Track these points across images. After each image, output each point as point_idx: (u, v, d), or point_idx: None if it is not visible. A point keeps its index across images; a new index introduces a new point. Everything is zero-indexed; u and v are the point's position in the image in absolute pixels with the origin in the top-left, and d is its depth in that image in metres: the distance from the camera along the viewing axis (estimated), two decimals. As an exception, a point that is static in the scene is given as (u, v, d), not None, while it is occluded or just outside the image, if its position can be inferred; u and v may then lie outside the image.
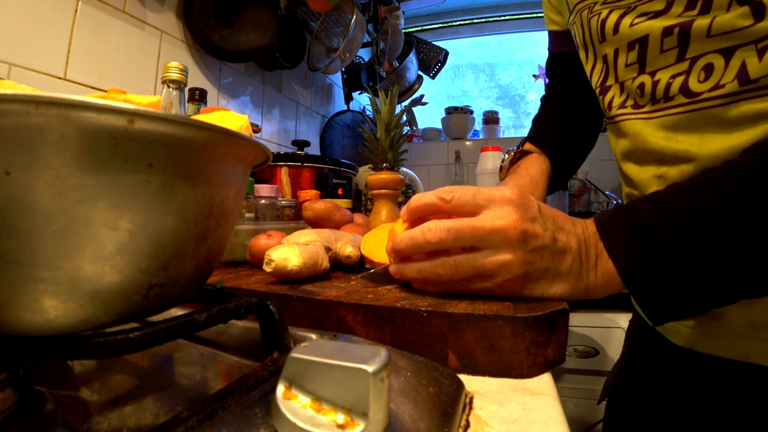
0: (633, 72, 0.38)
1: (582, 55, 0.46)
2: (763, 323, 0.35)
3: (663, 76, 0.36)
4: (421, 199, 0.34)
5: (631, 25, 0.37)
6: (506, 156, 0.61)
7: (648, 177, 0.40)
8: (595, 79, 0.44)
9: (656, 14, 0.35)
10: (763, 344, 0.35)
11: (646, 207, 0.30)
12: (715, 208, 0.27)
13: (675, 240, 0.28)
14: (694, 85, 0.34)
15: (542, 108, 0.67)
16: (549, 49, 0.63)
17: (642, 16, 0.36)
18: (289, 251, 0.37)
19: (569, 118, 0.62)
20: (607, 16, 0.39)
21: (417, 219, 0.35)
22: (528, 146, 0.60)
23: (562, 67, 0.62)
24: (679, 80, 0.35)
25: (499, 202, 0.30)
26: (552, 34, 0.60)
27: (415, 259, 0.33)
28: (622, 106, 0.41)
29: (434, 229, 0.31)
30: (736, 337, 0.37)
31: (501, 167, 0.62)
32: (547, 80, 0.69)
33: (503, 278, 0.30)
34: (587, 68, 0.46)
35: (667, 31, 0.34)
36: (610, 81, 0.42)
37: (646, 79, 0.37)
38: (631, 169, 0.42)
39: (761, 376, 0.35)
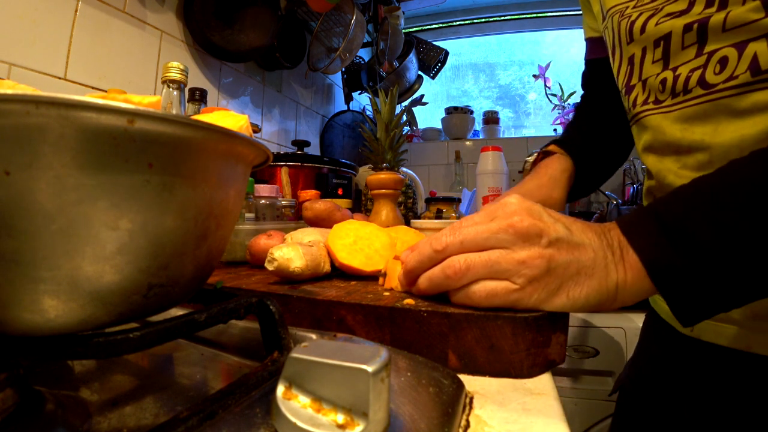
0: (658, 68, 0.40)
1: (611, 58, 0.48)
2: (766, 315, 0.35)
3: (683, 71, 0.38)
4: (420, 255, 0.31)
5: (657, 24, 0.39)
6: (530, 158, 0.62)
7: (666, 167, 0.41)
8: (621, 80, 0.46)
9: (680, 13, 0.37)
10: (766, 335, 0.36)
11: (668, 198, 0.28)
12: (741, 191, 0.25)
13: (699, 225, 0.26)
14: (710, 77, 0.35)
15: (574, 116, 0.68)
16: (585, 57, 0.64)
17: (667, 16, 0.38)
18: (293, 252, 0.37)
19: (598, 125, 0.63)
20: (637, 18, 0.41)
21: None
22: (552, 147, 0.61)
23: (597, 74, 0.62)
24: (696, 74, 0.36)
25: (501, 208, 0.29)
26: (589, 42, 0.62)
27: None
28: (645, 103, 0.43)
29: (439, 236, 0.29)
30: (740, 328, 0.37)
31: (524, 168, 0.62)
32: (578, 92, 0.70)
33: (525, 279, 0.27)
34: (614, 70, 0.48)
35: (687, 28, 0.36)
36: (635, 80, 0.44)
37: (668, 74, 0.39)
38: (651, 161, 0.44)
39: (763, 366, 0.36)
